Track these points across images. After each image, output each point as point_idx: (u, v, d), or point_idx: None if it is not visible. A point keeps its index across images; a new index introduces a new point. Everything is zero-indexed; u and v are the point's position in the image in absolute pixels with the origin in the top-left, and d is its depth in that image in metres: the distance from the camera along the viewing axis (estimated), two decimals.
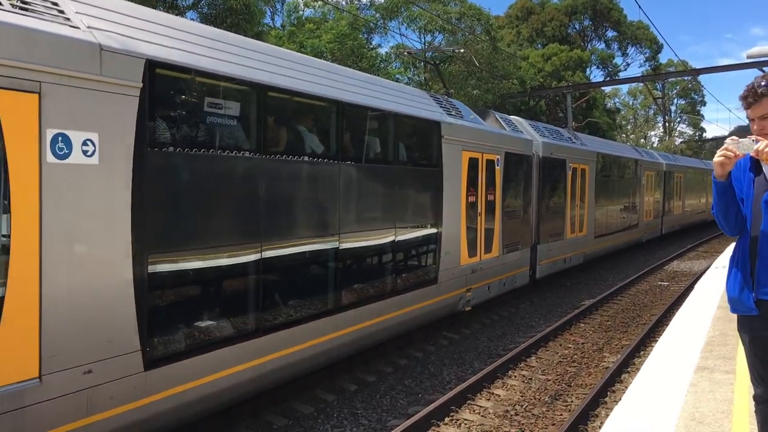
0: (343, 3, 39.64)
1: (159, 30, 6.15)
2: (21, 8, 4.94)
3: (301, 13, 40.55)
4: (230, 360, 6.73)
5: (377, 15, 37.73)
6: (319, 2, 37.25)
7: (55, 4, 5.27)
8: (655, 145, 70.28)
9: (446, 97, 13.06)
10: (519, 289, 15.25)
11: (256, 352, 7.08)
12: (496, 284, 13.40)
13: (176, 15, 22.68)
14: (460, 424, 7.76)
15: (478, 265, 12.41)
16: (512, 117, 16.84)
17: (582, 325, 13.27)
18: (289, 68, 7.80)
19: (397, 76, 36.32)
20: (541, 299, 16.00)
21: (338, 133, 8.41)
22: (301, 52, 31.88)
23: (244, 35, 20.97)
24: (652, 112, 79.01)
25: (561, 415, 8.14)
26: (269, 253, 7.23)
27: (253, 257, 7.03)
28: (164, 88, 6.03)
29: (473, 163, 12.13)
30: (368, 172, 9.11)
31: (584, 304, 15.03)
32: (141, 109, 5.61)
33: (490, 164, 12.92)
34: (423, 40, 37.26)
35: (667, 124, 78.08)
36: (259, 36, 23.34)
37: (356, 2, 42.23)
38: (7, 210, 4.70)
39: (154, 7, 21.11)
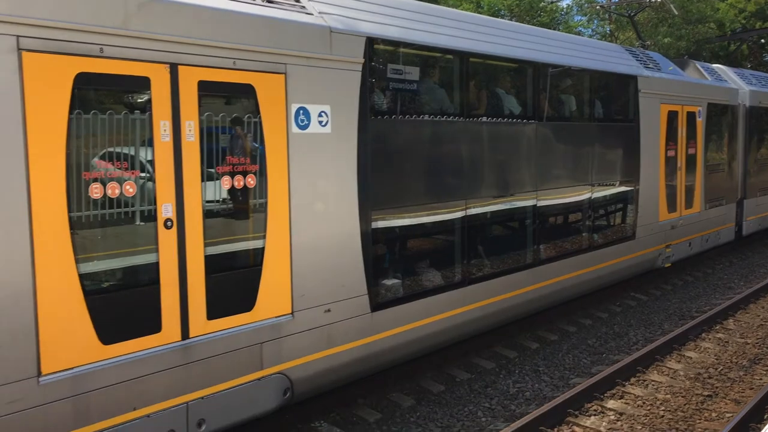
0: None
1: (375, 9, 6.81)
2: (268, 1, 5.79)
3: None
4: (440, 307, 7.39)
5: None
6: None
7: None
8: None
9: (642, 49, 12.68)
10: (721, 247, 14.54)
11: (462, 301, 7.69)
12: (697, 240, 12.94)
13: None
14: (647, 384, 7.71)
15: (678, 221, 12.08)
16: (715, 66, 15.82)
17: None
18: (487, 33, 8.16)
19: (579, 28, 34.97)
20: (741, 259, 15.08)
21: (534, 94, 8.67)
22: (478, 11, 31.85)
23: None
24: None
25: (760, 379, 7.85)
26: (473, 211, 7.75)
27: (458, 214, 7.60)
28: (381, 62, 6.71)
29: (672, 116, 11.75)
30: (564, 130, 9.28)
31: None
32: (363, 81, 6.33)
33: (691, 116, 12.40)
34: None
35: None
36: (435, 0, 23.66)
37: None
38: (264, 174, 5.62)
39: None
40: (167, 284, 5.00)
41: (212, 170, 5.31)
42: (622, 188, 10.61)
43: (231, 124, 5.45)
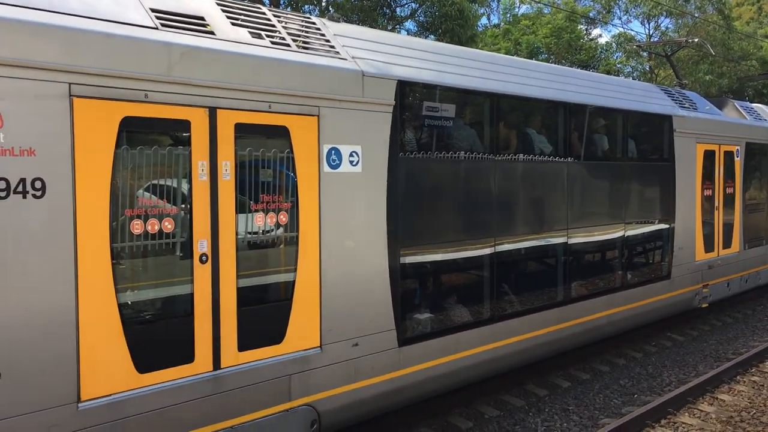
0: None
1: (406, 53, 7.06)
2: (303, 47, 6.10)
3: (516, 10, 40.77)
4: (468, 343, 7.47)
5: (595, 5, 36.66)
6: None
7: (328, 41, 6.39)
8: None
9: (678, 89, 12.72)
10: (762, 288, 14.32)
11: (491, 337, 7.75)
12: (736, 281, 12.75)
13: (395, 24, 24.32)
14: (677, 427, 7.61)
15: (715, 261, 11.95)
16: (755, 105, 15.71)
17: None
18: (518, 75, 8.35)
19: (619, 65, 34.99)
20: None
21: (566, 133, 8.79)
22: (516, 50, 32.17)
23: (458, 39, 21.86)
24: None
25: None
26: (502, 248, 7.86)
27: (487, 251, 7.71)
28: (412, 103, 6.95)
29: (709, 156, 11.73)
30: (596, 169, 9.36)
31: None
32: (393, 122, 6.56)
33: (728, 156, 12.35)
34: (647, 26, 35.50)
35: None
36: (472, 38, 24.05)
37: None
38: (296, 211, 5.85)
39: (375, 20, 22.90)
40: (201, 316, 5.23)
41: (247, 208, 5.57)
42: (657, 227, 10.58)
43: (265, 165, 5.71)
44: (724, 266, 12.26)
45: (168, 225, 5.09)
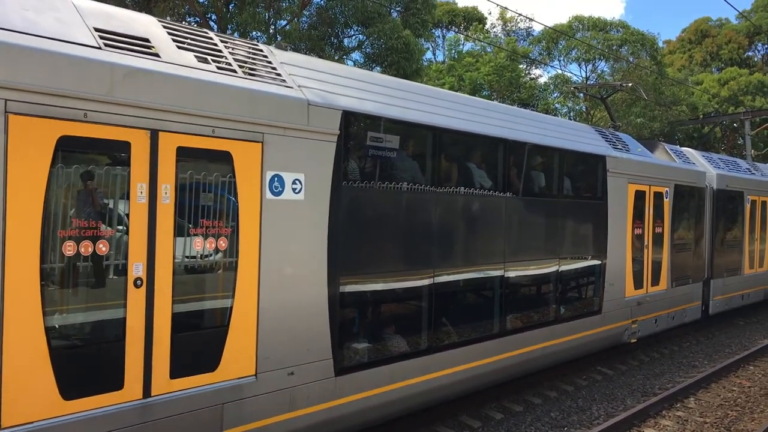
0: (502, 38, 40.22)
1: (352, 84, 7.16)
2: (250, 74, 6.11)
3: (461, 47, 41.81)
4: (405, 373, 7.49)
5: (533, 47, 37.95)
6: (480, 36, 38.13)
7: (274, 68, 6.42)
8: None
9: (612, 130, 13.23)
10: (688, 325, 14.85)
11: (427, 368, 7.79)
12: (664, 317, 13.21)
13: (342, 55, 24.58)
14: None
15: (644, 298, 12.37)
16: (684, 149, 16.49)
17: (751, 367, 12.63)
18: (460, 110, 8.55)
19: (556, 105, 36.23)
20: (708, 338, 15.40)
21: (505, 169, 9.01)
22: (460, 85, 32.93)
23: (404, 72, 22.23)
24: None
25: None
26: (441, 279, 7.95)
27: (426, 282, 7.79)
28: (356, 134, 7.01)
29: (640, 196, 12.20)
30: (533, 205, 9.61)
31: (757, 345, 14.24)
32: (338, 152, 6.61)
33: (658, 196, 12.87)
34: (584, 69, 36.89)
35: None
36: (417, 72, 24.50)
37: (513, 35, 42.86)
38: (236, 238, 5.80)
39: (323, 50, 23.12)
40: (132, 342, 5.09)
41: (185, 232, 5.49)
42: (589, 263, 10.91)
43: (206, 189, 5.65)
44: (652, 303, 12.70)
45: (102, 247, 4.96)
